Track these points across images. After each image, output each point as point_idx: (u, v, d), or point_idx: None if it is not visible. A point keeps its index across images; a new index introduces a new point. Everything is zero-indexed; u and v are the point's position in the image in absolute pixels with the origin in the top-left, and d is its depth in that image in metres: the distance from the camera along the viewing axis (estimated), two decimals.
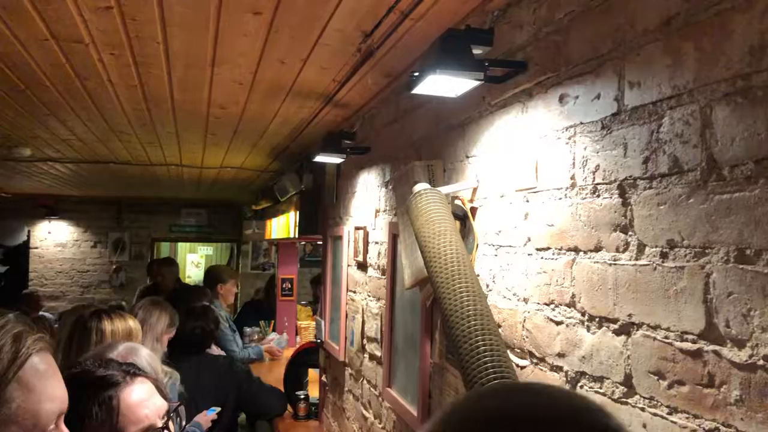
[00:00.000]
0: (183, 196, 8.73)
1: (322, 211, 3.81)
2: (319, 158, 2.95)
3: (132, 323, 2.55)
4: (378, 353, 2.59)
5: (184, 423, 2.31)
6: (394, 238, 2.40)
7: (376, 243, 2.69)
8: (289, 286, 6.20)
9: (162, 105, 3.03)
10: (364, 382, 2.80)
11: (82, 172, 5.82)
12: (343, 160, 2.89)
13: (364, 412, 2.78)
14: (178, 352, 3.37)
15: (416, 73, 1.58)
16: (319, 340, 3.75)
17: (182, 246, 11.16)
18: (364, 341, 2.81)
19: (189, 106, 3.06)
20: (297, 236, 4.39)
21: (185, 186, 7.11)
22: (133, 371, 1.41)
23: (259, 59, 2.29)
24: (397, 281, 2.37)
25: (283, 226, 5.27)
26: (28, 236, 8.84)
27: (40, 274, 8.88)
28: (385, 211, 2.58)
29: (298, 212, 4.36)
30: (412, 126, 2.31)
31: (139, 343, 2.29)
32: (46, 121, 3.47)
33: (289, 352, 5.86)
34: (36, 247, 8.93)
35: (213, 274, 5.49)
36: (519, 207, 1.55)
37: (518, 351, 1.54)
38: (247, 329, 6.11)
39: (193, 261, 11.11)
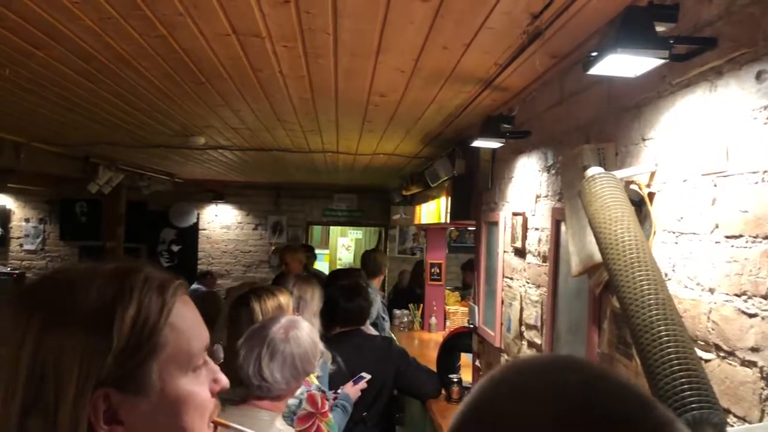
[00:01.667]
0: (336, 182, 9.07)
1: (475, 196, 3.80)
2: (477, 143, 2.94)
3: (282, 299, 2.68)
4: (538, 341, 2.55)
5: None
6: (557, 224, 2.35)
7: (536, 229, 2.64)
8: (438, 271, 6.26)
9: (326, 94, 3.16)
10: None
11: (247, 159, 6.21)
12: (502, 144, 2.87)
13: None
14: (338, 331, 3.53)
15: (594, 53, 1.53)
16: (472, 325, 3.76)
17: (333, 230, 11.61)
18: (522, 328, 2.78)
19: (350, 95, 3.16)
20: (448, 221, 4.42)
21: (339, 172, 7.38)
22: None
23: (422, 46, 2.32)
24: (560, 268, 2.32)
25: (433, 211, 5.32)
26: (198, 219, 9.60)
27: (207, 254, 9.63)
28: (546, 196, 2.52)
29: (449, 198, 4.38)
30: (578, 108, 2.24)
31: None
32: (220, 111, 3.73)
33: (434, 336, 5.96)
34: (204, 229, 9.68)
35: (372, 263, 5.59)
36: (705, 192, 1.46)
37: (701, 343, 1.46)
38: (397, 311, 6.27)
39: (344, 244, 11.53)
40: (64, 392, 0.72)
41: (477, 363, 3.64)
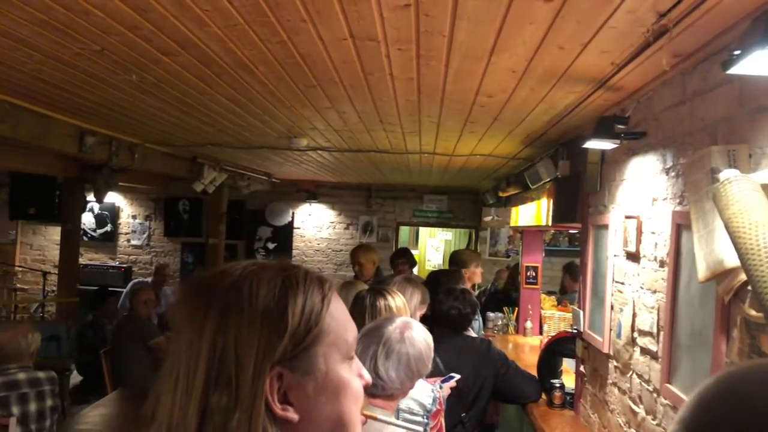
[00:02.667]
0: (427, 183, 9.10)
1: (581, 198, 3.72)
2: (590, 144, 2.88)
3: (399, 301, 2.75)
4: (653, 348, 2.48)
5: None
6: (678, 228, 2.27)
7: (652, 233, 2.56)
8: (534, 274, 6.17)
9: (433, 96, 3.18)
10: (634, 376, 2.70)
11: (344, 160, 6.33)
12: (616, 145, 2.80)
13: (633, 406, 2.68)
14: (437, 332, 3.55)
15: (737, 51, 1.47)
16: (575, 330, 3.68)
17: (423, 231, 11.64)
18: (635, 334, 2.70)
19: (457, 96, 3.17)
20: (550, 224, 4.34)
21: (432, 173, 7.41)
22: None
23: (537, 46, 2.30)
24: (681, 273, 2.24)
25: (531, 213, 5.24)
26: (292, 218, 9.86)
27: (301, 252, 9.87)
28: (665, 199, 2.44)
29: (551, 200, 4.31)
30: (704, 108, 2.15)
31: None
32: (326, 113, 3.83)
33: (529, 340, 5.88)
34: (298, 228, 9.93)
35: (457, 259, 5.65)
36: None
37: None
38: (491, 314, 6.21)
39: (433, 245, 11.54)
40: (244, 370, 0.78)
41: (582, 368, 3.57)
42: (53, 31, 2.40)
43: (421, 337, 2.14)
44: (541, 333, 5.87)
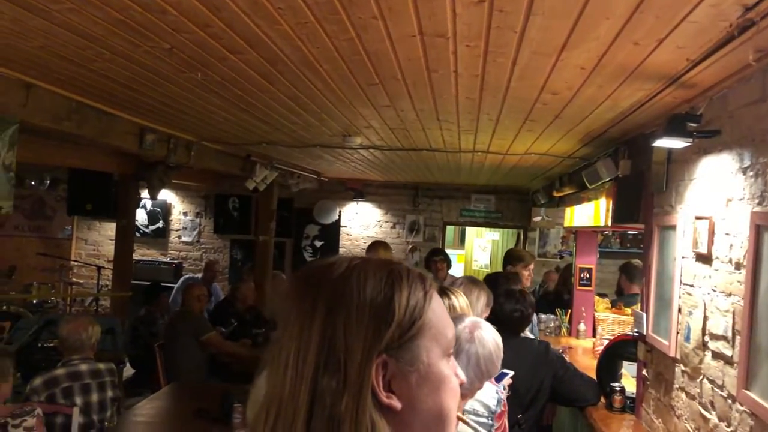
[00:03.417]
0: (475, 182, 9.03)
1: (644, 198, 3.64)
2: (660, 143, 2.81)
3: (462, 301, 2.74)
4: (727, 351, 2.40)
5: None
6: (757, 230, 2.19)
7: (727, 234, 2.48)
8: (588, 275, 6.06)
9: (496, 93, 3.15)
10: (705, 381, 2.62)
11: (394, 158, 6.32)
12: (687, 144, 2.72)
13: (704, 412, 2.61)
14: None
15: None
16: (636, 333, 3.60)
17: (469, 231, 11.56)
18: (706, 338, 2.62)
19: (520, 93, 3.13)
20: (609, 224, 4.26)
21: (481, 173, 7.35)
22: None
23: (611, 42, 2.25)
24: (761, 276, 2.16)
25: (588, 213, 5.15)
26: (339, 216, 9.91)
27: (347, 250, 9.91)
28: (742, 199, 2.37)
29: (611, 200, 4.22)
30: None
31: None
32: (384, 111, 3.82)
33: (582, 342, 5.78)
34: (345, 226, 9.97)
35: (506, 257, 5.60)
36: None
37: None
38: (543, 316, 6.13)
39: (480, 245, 11.45)
40: (353, 356, 0.81)
41: (644, 372, 3.49)
42: (127, 30, 2.44)
43: (490, 337, 2.12)
44: (594, 336, 5.77)
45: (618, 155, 4.05)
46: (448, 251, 7.55)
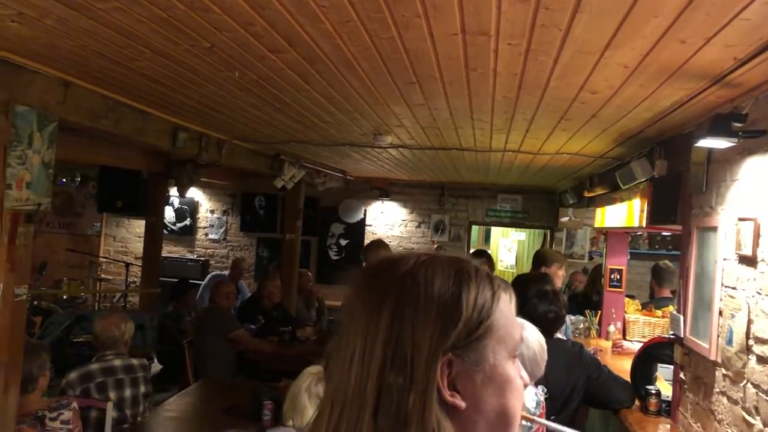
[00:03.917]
0: (502, 182, 8.98)
1: (682, 199, 3.58)
2: (704, 143, 2.76)
3: None
4: None
5: None
6: None
7: None
8: (618, 277, 5.99)
9: (534, 92, 3.11)
10: (748, 385, 2.57)
11: (423, 157, 6.30)
12: (733, 144, 2.67)
13: (748, 417, 2.56)
14: None
15: None
16: (673, 335, 3.55)
17: (494, 231, 11.50)
18: (750, 342, 2.58)
19: (559, 93, 3.09)
20: (644, 225, 4.21)
21: (510, 172, 7.30)
22: None
23: (657, 40, 2.22)
24: None
25: (620, 215, 5.09)
26: (365, 215, 9.91)
27: None
28: None
29: (646, 200, 4.17)
30: None
31: None
32: (418, 110, 3.81)
33: (610, 345, 5.72)
34: (370, 225, 9.97)
35: (539, 257, 5.57)
36: None
37: None
38: (572, 317, 6.07)
39: (506, 246, 11.38)
40: (420, 353, 0.81)
41: (681, 375, 3.43)
42: (169, 29, 2.46)
43: (534, 338, 2.10)
44: (624, 337, 5.71)
45: (653, 155, 3.99)
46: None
